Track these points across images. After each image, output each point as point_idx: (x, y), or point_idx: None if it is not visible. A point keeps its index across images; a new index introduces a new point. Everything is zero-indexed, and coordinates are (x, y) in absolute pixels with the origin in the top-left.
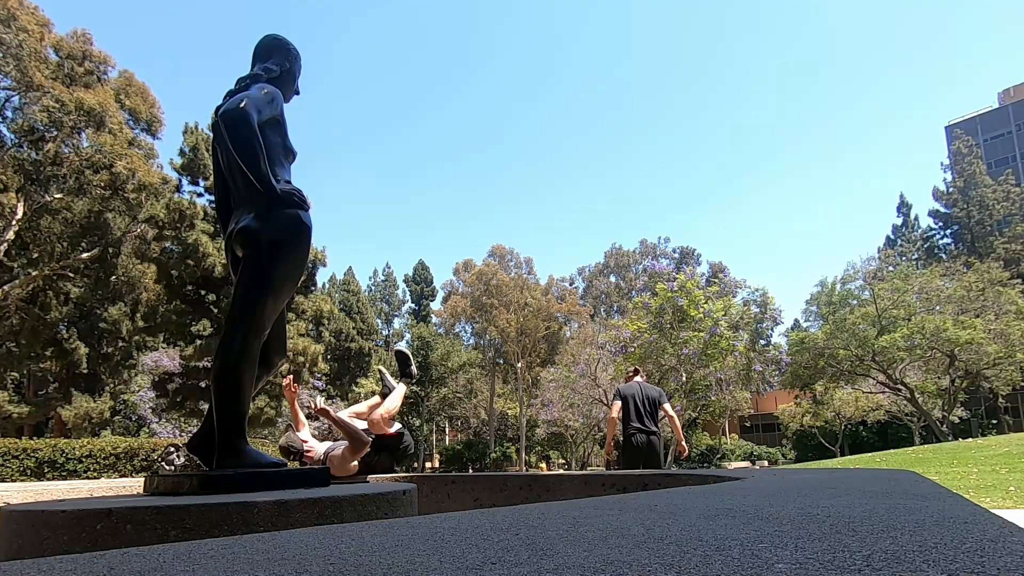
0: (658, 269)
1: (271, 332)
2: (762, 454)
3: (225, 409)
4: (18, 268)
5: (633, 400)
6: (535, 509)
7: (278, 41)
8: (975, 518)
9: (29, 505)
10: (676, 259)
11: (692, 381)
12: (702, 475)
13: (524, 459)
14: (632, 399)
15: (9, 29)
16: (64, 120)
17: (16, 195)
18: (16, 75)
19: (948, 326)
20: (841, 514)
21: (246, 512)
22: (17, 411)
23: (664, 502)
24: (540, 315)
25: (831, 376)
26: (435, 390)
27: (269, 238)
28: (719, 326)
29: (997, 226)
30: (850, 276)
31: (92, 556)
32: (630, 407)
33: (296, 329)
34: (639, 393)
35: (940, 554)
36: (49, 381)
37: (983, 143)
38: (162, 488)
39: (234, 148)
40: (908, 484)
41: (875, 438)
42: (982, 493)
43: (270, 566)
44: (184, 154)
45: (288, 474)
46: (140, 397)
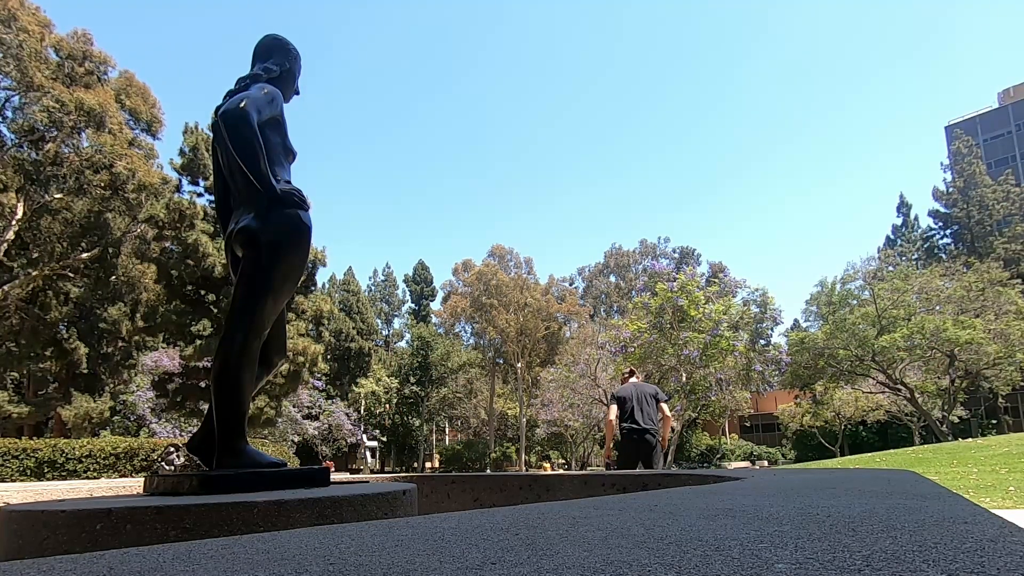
0: (658, 269)
1: (271, 332)
2: (762, 454)
3: (225, 409)
4: (18, 268)
5: (629, 401)
6: (535, 509)
7: (278, 41)
8: (975, 518)
9: (29, 505)
10: (676, 259)
11: (692, 381)
12: (702, 475)
13: (524, 459)
14: (628, 400)
15: (10, 30)
16: (64, 120)
17: (16, 195)
18: (16, 75)
19: (948, 326)
20: (841, 514)
21: (246, 512)
22: (17, 411)
23: (664, 502)
24: (540, 315)
25: (831, 376)
26: (435, 390)
27: (269, 238)
28: (719, 327)
29: (997, 226)
30: (850, 276)
31: (92, 556)
32: (627, 407)
33: (296, 329)
34: (635, 393)
35: (940, 554)
36: (49, 381)
37: (983, 143)
38: (162, 488)
39: (234, 148)
40: (908, 484)
41: (875, 438)
42: (982, 493)
43: (270, 566)
44: (184, 154)
45: (288, 474)
46: (139, 397)
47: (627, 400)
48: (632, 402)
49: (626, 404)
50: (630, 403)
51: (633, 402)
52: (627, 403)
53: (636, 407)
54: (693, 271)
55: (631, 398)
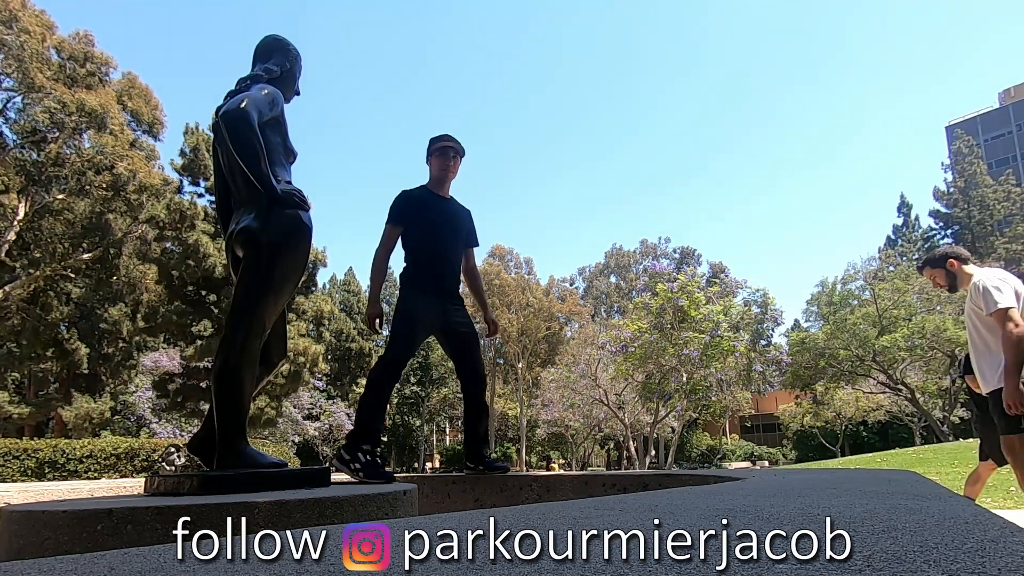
0: (658, 269)
1: (272, 332)
2: (763, 454)
3: (225, 409)
4: (19, 268)
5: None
6: (535, 509)
7: (279, 42)
8: (976, 518)
9: (30, 505)
10: (676, 259)
11: (693, 381)
12: (703, 475)
13: (525, 459)
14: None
15: (11, 31)
16: (66, 121)
17: (18, 196)
18: (18, 76)
19: (949, 326)
20: (841, 514)
21: (246, 512)
22: (18, 411)
23: (664, 502)
24: (541, 315)
25: (832, 376)
26: (435, 390)
27: (269, 238)
28: (720, 327)
29: (998, 226)
30: (851, 276)
31: (92, 556)
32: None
33: (297, 329)
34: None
35: (941, 554)
36: (50, 381)
37: (984, 143)
38: (162, 488)
39: (235, 148)
40: (909, 484)
41: (876, 438)
42: (983, 493)
43: (270, 566)
44: (185, 155)
45: (288, 474)
46: (139, 397)
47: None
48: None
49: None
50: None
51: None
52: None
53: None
54: (694, 271)
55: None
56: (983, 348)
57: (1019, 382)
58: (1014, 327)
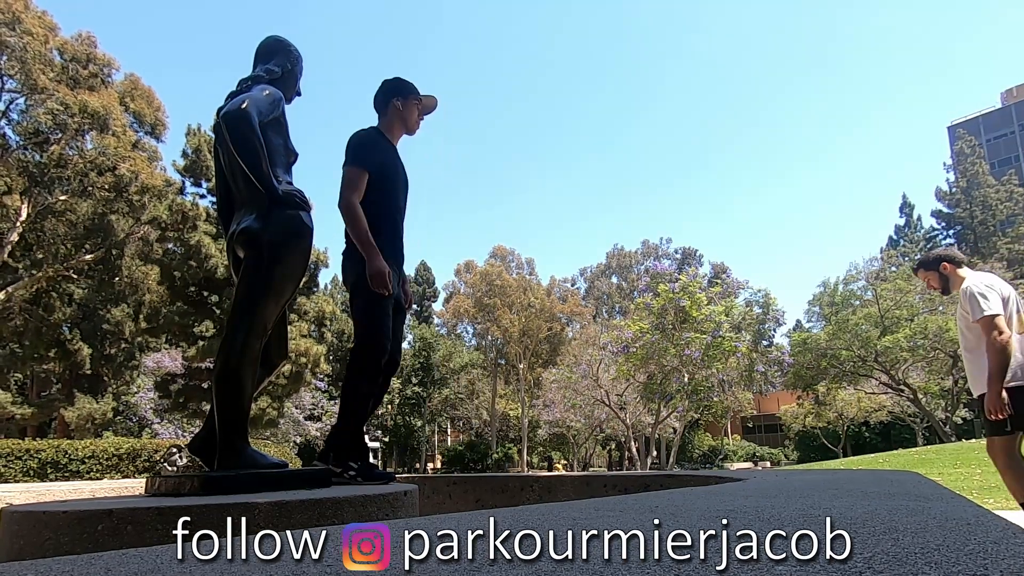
0: (660, 270)
1: (273, 333)
2: (764, 455)
3: (226, 410)
4: (22, 269)
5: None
6: (536, 510)
7: (280, 42)
8: (978, 520)
9: (31, 506)
10: (678, 260)
11: (694, 382)
12: (704, 476)
13: (526, 460)
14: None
15: (14, 32)
16: (68, 123)
17: (21, 197)
18: (21, 78)
19: (951, 327)
20: (842, 515)
21: (246, 513)
22: (20, 412)
23: (665, 503)
24: (543, 316)
25: (833, 377)
26: (437, 391)
27: (270, 239)
28: (721, 328)
29: (1000, 226)
30: (852, 276)
31: (90, 557)
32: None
33: (298, 330)
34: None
35: (942, 556)
36: (52, 382)
37: (986, 143)
38: (163, 489)
39: (236, 149)
40: (911, 485)
41: (878, 439)
42: (985, 494)
43: (270, 566)
44: (187, 156)
45: (289, 475)
46: (141, 398)
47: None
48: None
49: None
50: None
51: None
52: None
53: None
54: (695, 272)
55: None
56: (971, 352)
57: (1001, 388)
58: (998, 335)
